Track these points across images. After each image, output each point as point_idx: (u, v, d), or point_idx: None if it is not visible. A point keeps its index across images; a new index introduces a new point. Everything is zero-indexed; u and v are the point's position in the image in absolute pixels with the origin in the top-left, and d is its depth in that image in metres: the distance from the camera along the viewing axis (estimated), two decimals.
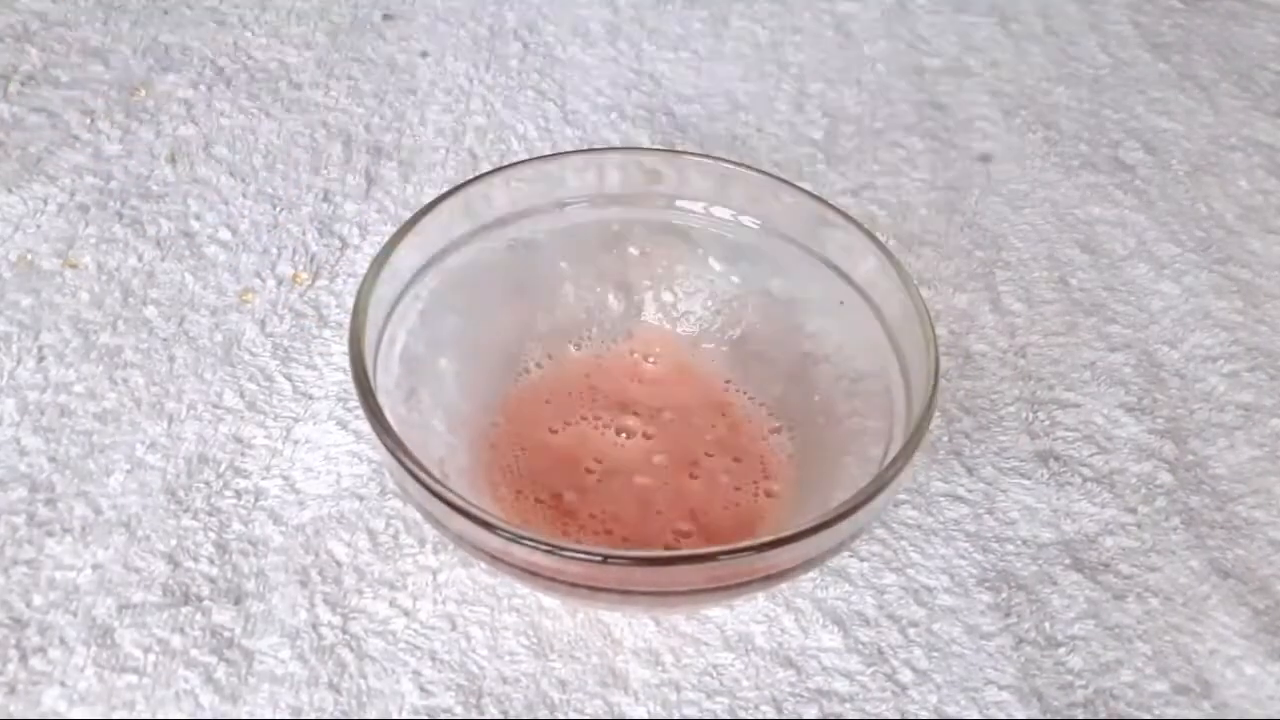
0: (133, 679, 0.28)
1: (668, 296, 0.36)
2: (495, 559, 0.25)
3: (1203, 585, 0.32)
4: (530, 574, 0.25)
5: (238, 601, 0.30)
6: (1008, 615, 0.31)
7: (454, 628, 0.30)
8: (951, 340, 0.39)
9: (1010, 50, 0.56)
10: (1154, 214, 0.46)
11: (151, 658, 0.28)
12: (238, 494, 0.33)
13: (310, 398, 0.36)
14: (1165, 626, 0.31)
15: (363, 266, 0.40)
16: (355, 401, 0.34)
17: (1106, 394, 0.38)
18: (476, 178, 0.33)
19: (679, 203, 0.35)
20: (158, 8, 0.53)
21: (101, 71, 0.49)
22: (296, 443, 0.34)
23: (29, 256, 0.39)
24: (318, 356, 0.37)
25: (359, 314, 0.28)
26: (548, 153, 0.44)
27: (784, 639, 0.30)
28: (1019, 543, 0.33)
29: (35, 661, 0.28)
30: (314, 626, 0.29)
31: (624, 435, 0.33)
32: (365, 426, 0.34)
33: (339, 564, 0.31)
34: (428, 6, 0.56)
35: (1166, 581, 0.32)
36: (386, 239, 0.30)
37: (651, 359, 0.35)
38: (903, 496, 0.34)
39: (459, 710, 0.28)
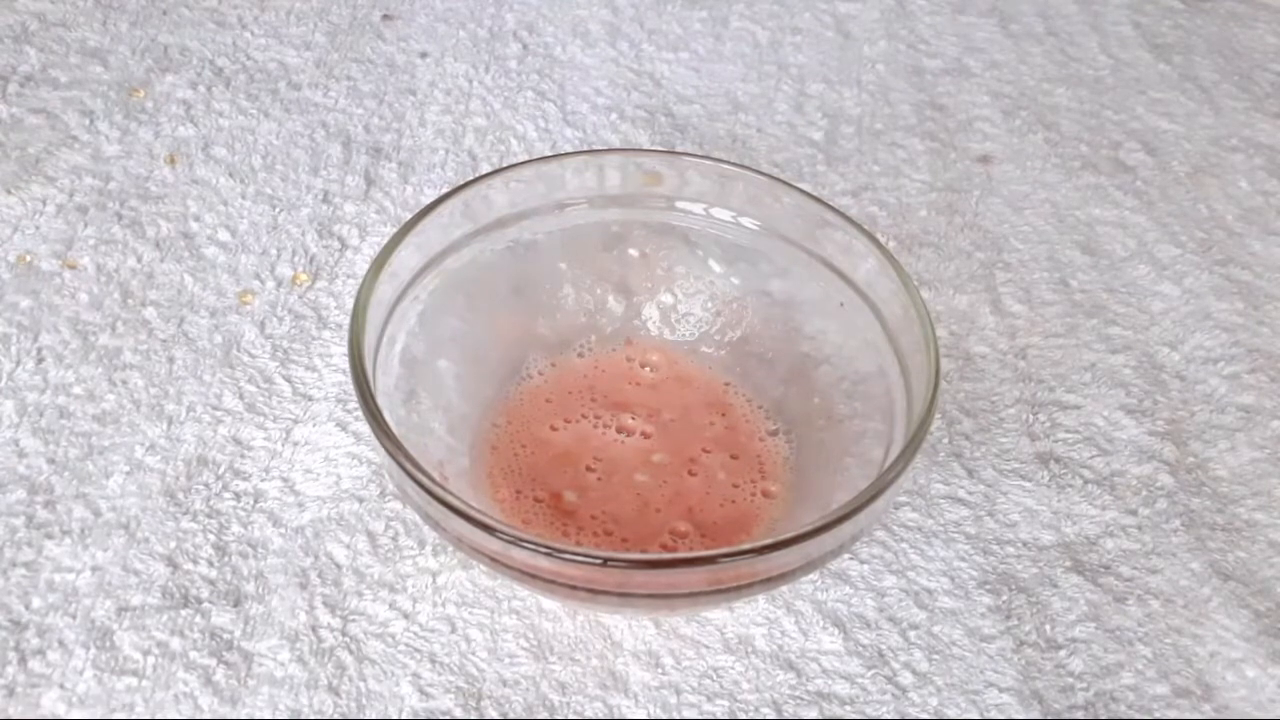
0: (132, 681, 0.28)
1: (667, 298, 0.36)
2: (495, 561, 0.25)
3: (1203, 588, 0.32)
4: (530, 576, 0.25)
5: (237, 604, 0.30)
6: (1008, 618, 0.31)
7: (453, 630, 0.30)
8: (952, 342, 0.39)
9: (1010, 51, 0.56)
10: (1154, 215, 0.46)
11: (151, 660, 0.28)
12: (237, 496, 0.33)
13: (310, 399, 0.36)
14: (1166, 629, 0.31)
15: (362, 267, 0.40)
16: (355, 403, 0.34)
17: (1107, 396, 0.38)
18: (476, 179, 0.33)
19: (679, 204, 0.35)
20: (156, 8, 0.53)
21: (100, 72, 0.49)
22: (296, 444, 0.34)
23: (28, 257, 0.39)
24: (317, 358, 0.37)
25: (358, 315, 0.28)
26: (547, 153, 0.44)
27: (784, 641, 0.30)
28: (1019, 545, 0.33)
29: (34, 664, 0.28)
30: (313, 629, 0.29)
31: (623, 434, 0.33)
32: (365, 428, 0.34)
33: (338, 566, 0.31)
34: (427, 7, 0.56)
35: (1167, 584, 0.32)
36: (386, 240, 0.30)
37: (651, 361, 0.35)
38: (903, 499, 0.34)
39: (458, 712, 0.28)
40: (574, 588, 0.25)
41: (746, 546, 0.24)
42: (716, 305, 0.36)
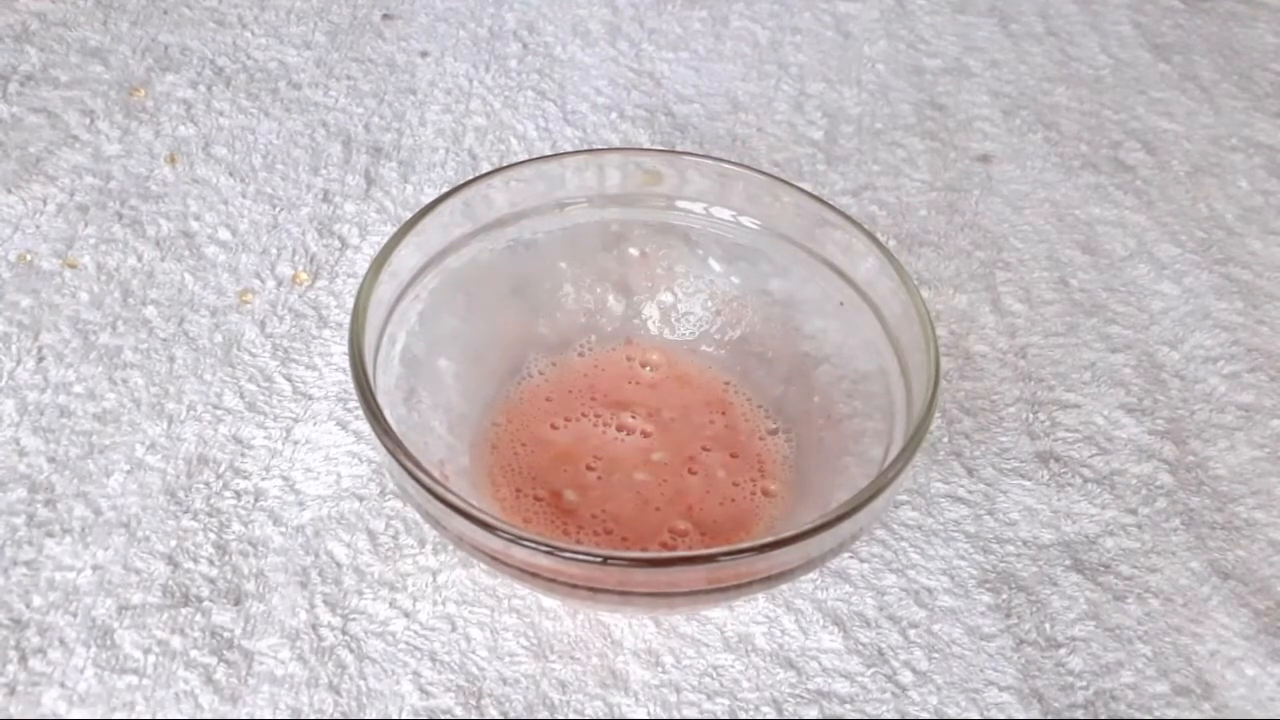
0: (133, 680, 0.28)
1: (667, 297, 0.36)
2: (495, 560, 0.25)
3: (1203, 586, 0.32)
4: (530, 575, 0.25)
5: (237, 602, 0.30)
6: (1008, 616, 0.31)
7: (454, 629, 0.30)
8: (952, 341, 0.39)
9: (1010, 50, 0.56)
10: (1154, 214, 0.46)
11: (151, 659, 0.28)
12: (237, 495, 0.33)
13: (310, 398, 0.36)
14: (1166, 628, 0.31)
15: (362, 267, 0.40)
16: (355, 402, 0.34)
17: (1107, 395, 0.38)
18: (476, 178, 0.33)
19: (679, 203, 0.35)
20: (157, 8, 0.53)
21: (101, 71, 0.49)
22: (296, 443, 0.34)
23: (28, 257, 0.39)
24: (317, 357, 0.37)
25: (359, 314, 0.28)
26: (547, 153, 0.44)
27: (784, 640, 0.30)
28: (1019, 544, 0.33)
29: (35, 662, 0.28)
30: (314, 627, 0.29)
31: (623, 433, 0.33)
32: (365, 427, 0.34)
33: (339, 565, 0.31)
34: (427, 6, 0.56)
35: (1167, 582, 0.32)
36: (386, 239, 0.30)
37: (651, 360, 0.35)
38: (903, 497, 0.34)
39: (459, 711, 0.28)
40: (574, 586, 0.25)
41: (746, 545, 0.24)
42: (716, 304, 0.36)
